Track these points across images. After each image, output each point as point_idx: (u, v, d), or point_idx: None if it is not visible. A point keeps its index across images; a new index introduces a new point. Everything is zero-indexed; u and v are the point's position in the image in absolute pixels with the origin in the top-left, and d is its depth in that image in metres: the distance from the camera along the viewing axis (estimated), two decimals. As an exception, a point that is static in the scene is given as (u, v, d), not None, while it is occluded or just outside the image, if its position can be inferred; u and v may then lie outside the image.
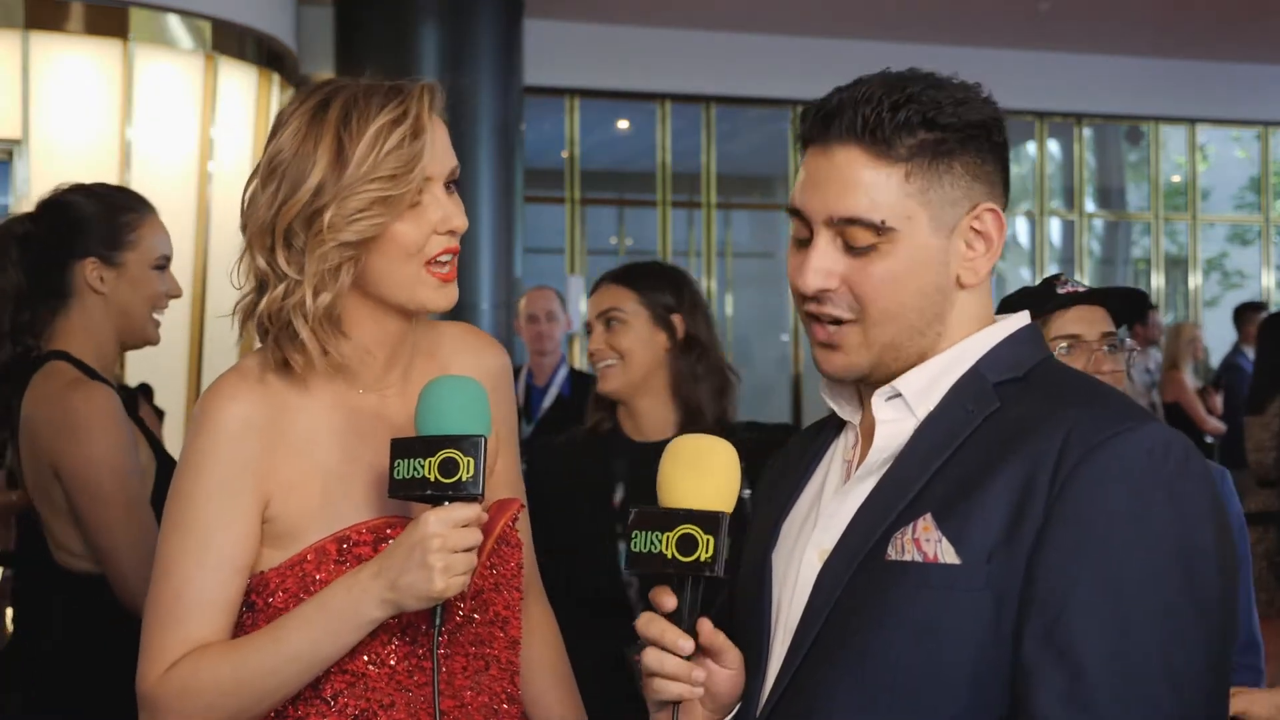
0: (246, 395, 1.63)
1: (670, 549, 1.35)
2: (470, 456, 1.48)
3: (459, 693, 1.67)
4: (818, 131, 1.38)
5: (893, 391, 1.40)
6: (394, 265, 1.62)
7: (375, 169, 1.56)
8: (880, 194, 1.34)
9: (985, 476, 1.30)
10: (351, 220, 1.57)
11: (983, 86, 1.41)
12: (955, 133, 1.36)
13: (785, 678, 1.37)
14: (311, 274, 1.58)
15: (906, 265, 1.36)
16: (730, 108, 10.15)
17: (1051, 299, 2.29)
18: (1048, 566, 1.25)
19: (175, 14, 7.13)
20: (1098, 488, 1.25)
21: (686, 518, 1.35)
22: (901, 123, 1.34)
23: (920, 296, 1.37)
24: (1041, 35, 9.90)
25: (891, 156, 1.34)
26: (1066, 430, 1.28)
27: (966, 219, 1.38)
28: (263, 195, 1.61)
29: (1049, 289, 2.33)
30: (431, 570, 1.48)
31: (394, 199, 1.58)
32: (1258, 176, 11.85)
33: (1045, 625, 1.24)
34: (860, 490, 1.39)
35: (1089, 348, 2.29)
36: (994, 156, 1.40)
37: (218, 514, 1.60)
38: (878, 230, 1.34)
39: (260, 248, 1.61)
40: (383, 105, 1.59)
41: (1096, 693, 1.22)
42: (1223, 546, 1.28)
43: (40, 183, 6.89)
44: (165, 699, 1.57)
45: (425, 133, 1.60)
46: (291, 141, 1.60)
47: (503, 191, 7.57)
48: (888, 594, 1.31)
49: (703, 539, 1.34)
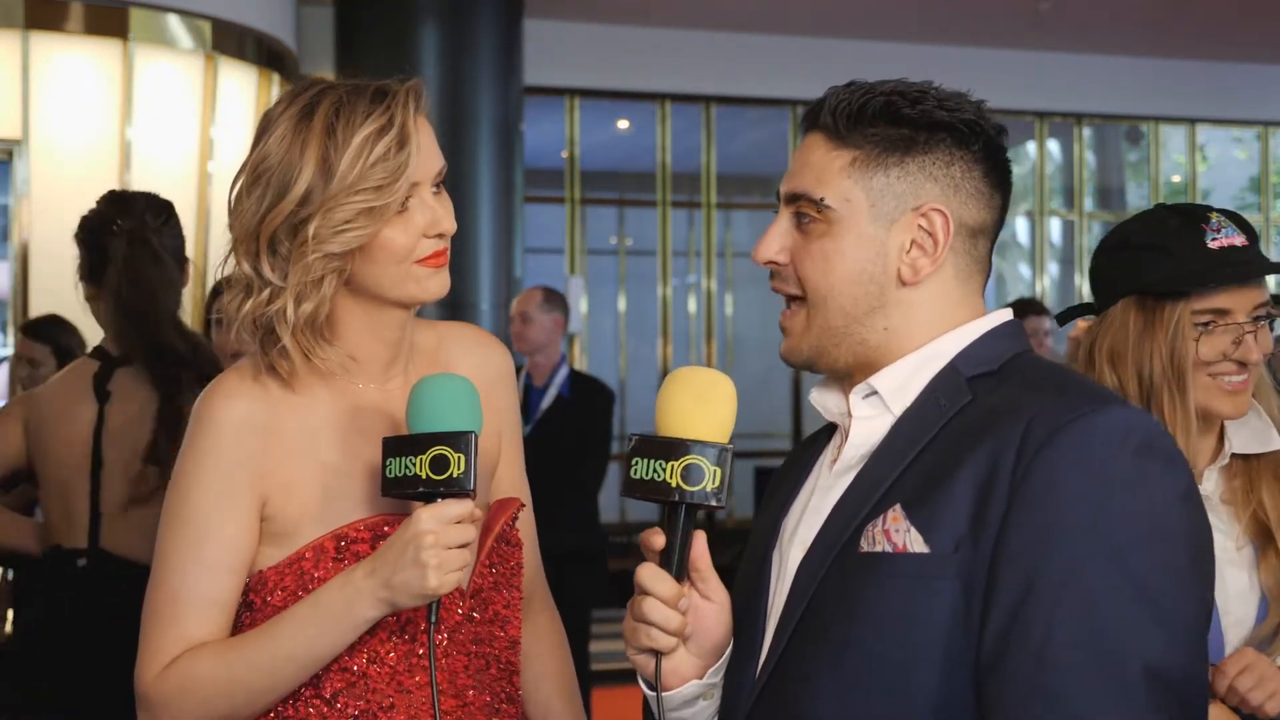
0: (244, 395, 1.63)
1: (675, 478, 1.37)
2: (461, 453, 1.48)
3: (461, 692, 1.68)
4: (805, 123, 1.46)
5: (869, 389, 1.42)
6: (382, 270, 1.61)
7: (361, 180, 1.55)
8: (826, 174, 1.41)
9: (953, 466, 1.31)
10: (337, 232, 1.56)
11: (985, 101, 1.43)
12: (917, 129, 1.39)
13: (772, 661, 1.39)
14: (295, 283, 1.58)
15: (839, 247, 1.40)
16: (730, 108, 10.14)
17: (1201, 256, 1.86)
18: (1011, 553, 1.25)
19: (175, 14, 7.13)
20: (1058, 472, 1.25)
21: (691, 448, 1.37)
22: (861, 113, 1.40)
23: (853, 283, 1.40)
24: (1041, 35, 9.90)
25: (846, 142, 1.41)
26: (1030, 416, 1.28)
27: (911, 215, 1.40)
28: (248, 199, 1.60)
29: (1193, 231, 1.88)
30: (425, 567, 1.48)
31: (379, 209, 1.57)
32: (1258, 176, 11.85)
33: (1009, 613, 1.24)
34: (839, 486, 1.41)
35: (1237, 329, 1.89)
36: (967, 164, 1.41)
37: (216, 513, 1.60)
38: (818, 207, 1.40)
39: (245, 253, 1.61)
40: (368, 113, 1.57)
41: (1063, 680, 1.21)
42: (1193, 527, 1.27)
43: (40, 183, 6.90)
44: (162, 697, 1.58)
45: (411, 140, 1.58)
46: (278, 146, 1.59)
47: (502, 191, 7.57)
48: (861, 585, 1.32)
49: (710, 470, 1.36)
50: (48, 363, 5.15)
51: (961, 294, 1.43)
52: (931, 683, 1.27)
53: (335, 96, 1.60)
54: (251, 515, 1.62)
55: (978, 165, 1.42)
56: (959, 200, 1.41)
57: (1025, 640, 1.23)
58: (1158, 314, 1.91)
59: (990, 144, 1.42)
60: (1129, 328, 1.92)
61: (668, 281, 10.09)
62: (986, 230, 1.44)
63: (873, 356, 1.42)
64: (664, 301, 10.11)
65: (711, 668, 1.44)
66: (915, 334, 1.42)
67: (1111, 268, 1.97)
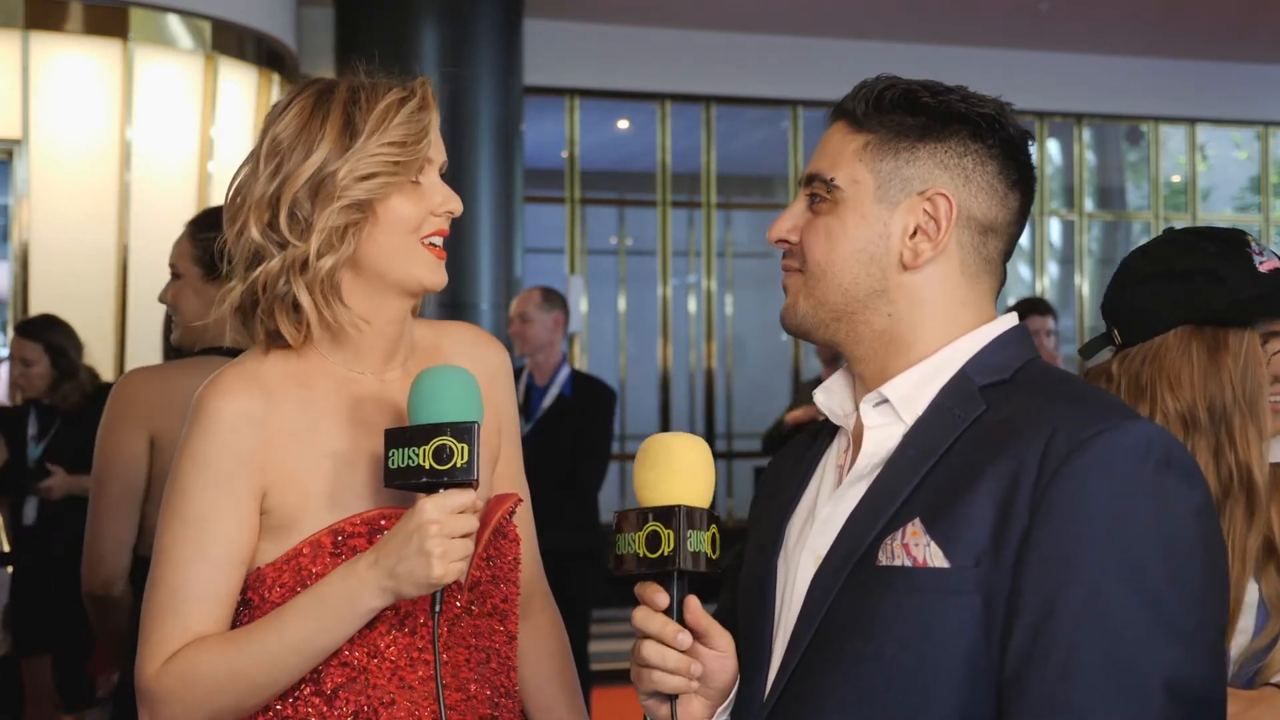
0: (244, 389, 1.64)
1: (640, 548, 1.40)
2: (464, 443, 1.48)
3: (464, 685, 1.68)
4: (833, 113, 1.49)
5: (880, 397, 1.42)
6: (391, 240, 1.64)
7: (386, 134, 1.62)
8: (841, 157, 1.43)
9: (972, 479, 1.30)
10: (363, 179, 1.61)
11: (1012, 105, 1.45)
12: (933, 118, 1.40)
13: (782, 680, 1.38)
14: (319, 231, 1.61)
15: (843, 225, 1.41)
16: (730, 108, 10.14)
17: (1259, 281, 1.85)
18: (1033, 569, 1.25)
19: (175, 14, 7.14)
20: (1080, 487, 1.25)
21: (652, 515, 1.40)
22: (881, 100, 1.42)
23: (853, 261, 1.41)
24: (1041, 35, 9.90)
25: (863, 128, 1.43)
26: (1050, 430, 1.28)
27: (916, 199, 1.40)
28: (261, 173, 1.65)
29: (1242, 257, 1.86)
30: (429, 556, 1.48)
31: (404, 164, 1.63)
32: (1258, 176, 11.85)
33: (1032, 628, 1.24)
34: (851, 496, 1.40)
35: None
36: (981, 158, 1.41)
37: (216, 509, 1.60)
38: (828, 188, 1.42)
39: (256, 222, 1.64)
40: (389, 87, 1.66)
41: (1085, 696, 1.21)
42: (1209, 542, 1.28)
43: (40, 183, 6.91)
44: (164, 690, 1.58)
45: (432, 109, 1.67)
46: (294, 123, 1.64)
47: (502, 191, 7.58)
48: (879, 599, 1.31)
49: (664, 534, 1.38)
50: (41, 361, 5.16)
51: (969, 293, 1.42)
52: (951, 698, 1.27)
53: (352, 79, 1.68)
54: (251, 509, 1.62)
55: (992, 161, 1.42)
56: (968, 192, 1.41)
57: (1048, 655, 1.23)
58: (1222, 341, 1.91)
59: (1008, 142, 1.42)
60: (1191, 355, 1.91)
61: (668, 281, 10.09)
62: (998, 229, 1.43)
63: (879, 346, 1.42)
64: (664, 301, 10.11)
65: (720, 707, 1.44)
66: (921, 328, 1.41)
67: (1156, 297, 1.96)
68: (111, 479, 2.66)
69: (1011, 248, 1.47)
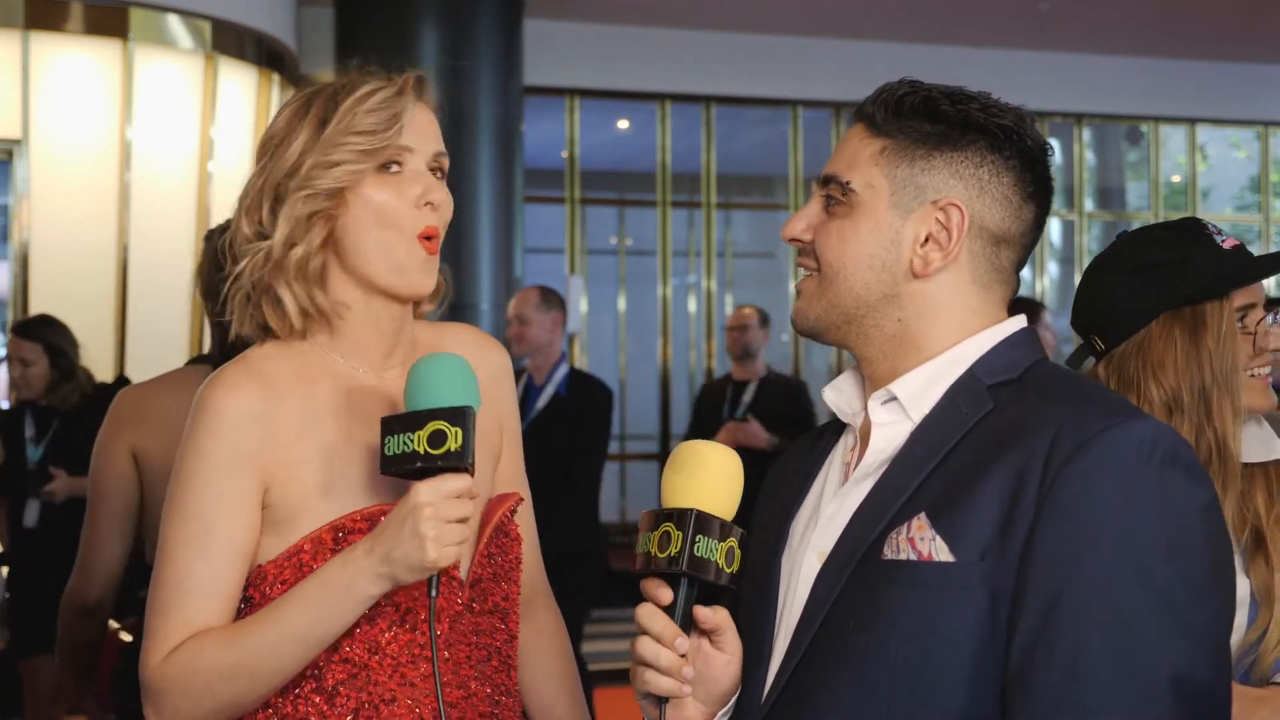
0: (246, 385, 1.64)
1: (653, 547, 1.40)
2: (458, 427, 1.48)
3: (465, 682, 1.68)
4: (854, 115, 1.49)
5: (888, 395, 1.42)
6: (369, 231, 1.64)
7: (355, 123, 1.63)
8: (858, 160, 1.44)
9: (978, 476, 1.30)
10: (328, 166, 1.62)
11: (1034, 117, 1.45)
12: (951, 127, 1.40)
13: (784, 676, 1.38)
14: (285, 220, 1.63)
15: (856, 229, 1.42)
16: (730, 108, 10.14)
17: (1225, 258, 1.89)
18: (1039, 566, 1.25)
19: (175, 14, 7.14)
20: (1085, 484, 1.25)
21: (667, 516, 1.40)
22: (900, 105, 1.42)
23: (864, 266, 1.41)
24: (1041, 35, 9.90)
25: (881, 132, 1.43)
26: (1056, 428, 1.28)
27: (929, 208, 1.40)
28: (255, 170, 1.69)
29: (1203, 239, 1.91)
30: (424, 539, 1.48)
31: (371, 152, 1.62)
32: (1258, 176, 11.85)
33: (1037, 625, 1.24)
34: (858, 492, 1.40)
35: (1260, 322, 1.94)
36: (997, 169, 1.41)
37: (219, 505, 1.61)
38: (844, 190, 1.43)
39: (251, 221, 1.67)
40: (368, 80, 1.68)
41: (1091, 692, 1.22)
42: (1214, 538, 1.28)
43: (40, 183, 6.91)
44: (167, 683, 1.58)
45: (407, 97, 1.66)
46: (284, 123, 1.67)
47: (502, 191, 7.58)
48: (884, 593, 1.31)
49: (674, 534, 1.39)
50: (40, 362, 5.16)
51: (980, 302, 1.43)
52: (956, 694, 1.27)
53: (341, 79, 1.69)
54: (254, 505, 1.63)
55: (1009, 172, 1.42)
56: (983, 203, 1.41)
57: (1053, 651, 1.23)
58: (1201, 319, 1.92)
59: (1026, 154, 1.42)
60: (1174, 340, 1.92)
61: (668, 281, 10.09)
62: (1011, 240, 1.43)
63: (889, 348, 1.43)
64: (664, 301, 10.11)
65: (717, 715, 1.44)
66: (931, 333, 1.42)
67: (1131, 294, 1.97)
68: (100, 497, 2.67)
69: (1025, 257, 1.47)
